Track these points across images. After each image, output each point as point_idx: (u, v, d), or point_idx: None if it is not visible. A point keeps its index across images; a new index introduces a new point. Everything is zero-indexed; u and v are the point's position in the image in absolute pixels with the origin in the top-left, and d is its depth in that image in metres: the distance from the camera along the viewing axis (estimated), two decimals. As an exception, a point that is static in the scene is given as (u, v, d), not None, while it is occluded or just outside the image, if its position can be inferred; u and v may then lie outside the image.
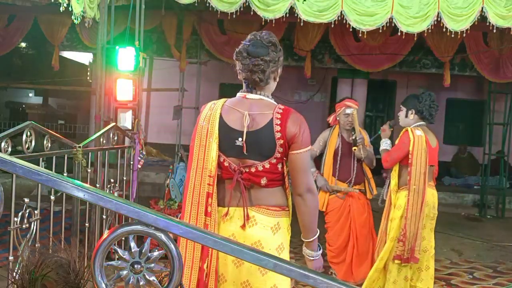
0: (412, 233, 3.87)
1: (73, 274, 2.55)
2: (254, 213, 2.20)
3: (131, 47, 5.22)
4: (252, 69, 2.19)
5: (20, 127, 3.06)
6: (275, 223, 2.21)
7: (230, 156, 2.21)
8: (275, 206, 2.23)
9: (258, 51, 2.20)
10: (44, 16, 8.99)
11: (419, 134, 3.93)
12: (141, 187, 7.73)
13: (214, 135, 2.20)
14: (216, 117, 2.21)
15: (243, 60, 2.22)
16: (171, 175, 6.14)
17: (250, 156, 2.18)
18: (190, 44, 9.55)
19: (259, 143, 2.17)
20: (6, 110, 16.17)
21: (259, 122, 2.18)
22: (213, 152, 2.19)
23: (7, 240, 3.02)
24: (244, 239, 2.17)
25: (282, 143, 2.16)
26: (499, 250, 6.66)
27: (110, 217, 4.42)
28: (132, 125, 5.28)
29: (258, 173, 2.19)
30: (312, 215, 2.24)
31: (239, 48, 2.27)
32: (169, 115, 9.96)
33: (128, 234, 1.39)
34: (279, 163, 2.20)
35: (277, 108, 2.21)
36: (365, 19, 5.87)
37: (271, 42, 2.23)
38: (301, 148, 2.17)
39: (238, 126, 2.19)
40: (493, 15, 5.65)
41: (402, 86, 12.42)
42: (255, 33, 2.30)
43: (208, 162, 2.19)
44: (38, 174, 1.39)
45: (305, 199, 2.20)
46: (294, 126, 2.16)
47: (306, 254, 2.32)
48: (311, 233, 2.27)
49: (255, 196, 2.22)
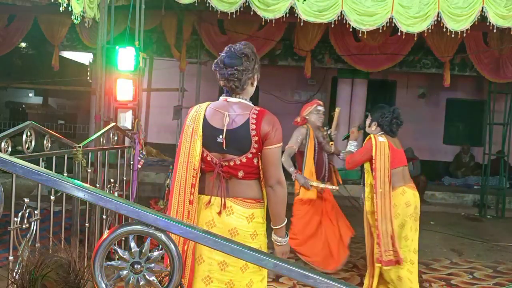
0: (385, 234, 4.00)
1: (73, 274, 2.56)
2: (231, 204, 2.49)
3: (131, 47, 5.22)
4: (228, 78, 2.50)
5: (20, 127, 3.07)
6: (250, 213, 2.49)
7: (212, 152, 2.50)
8: (251, 198, 2.51)
9: (232, 62, 2.49)
10: (44, 16, 8.99)
11: (381, 140, 4.16)
12: (141, 187, 7.73)
13: (198, 133, 2.50)
14: (201, 118, 2.53)
15: (220, 70, 2.52)
16: (171, 175, 6.13)
17: (229, 151, 2.48)
18: (190, 44, 9.55)
19: (237, 139, 2.47)
20: (6, 110, 16.17)
21: (237, 121, 2.48)
22: (197, 148, 2.49)
23: (7, 240, 3.02)
24: (222, 224, 2.48)
25: (257, 139, 2.44)
26: (499, 250, 6.65)
27: (110, 217, 4.42)
28: (132, 125, 5.28)
29: (236, 167, 2.48)
30: (281, 204, 2.51)
31: (217, 59, 2.56)
32: (169, 115, 9.97)
33: (128, 234, 1.39)
34: (254, 157, 2.48)
35: (253, 110, 2.50)
36: (365, 19, 5.87)
37: (244, 53, 2.50)
38: (273, 144, 2.46)
39: (219, 125, 2.49)
40: (493, 15, 5.65)
41: (402, 86, 12.42)
42: (230, 45, 2.56)
43: (192, 157, 2.50)
44: (38, 174, 1.39)
45: (275, 190, 2.47)
46: (267, 125, 2.45)
47: (275, 240, 2.59)
48: (279, 221, 2.54)
49: (233, 188, 2.50)
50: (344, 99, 10.95)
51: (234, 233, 2.47)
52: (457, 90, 12.05)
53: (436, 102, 12.51)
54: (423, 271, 5.41)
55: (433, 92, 12.31)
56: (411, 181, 4.34)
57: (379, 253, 4.01)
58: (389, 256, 3.99)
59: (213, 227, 2.49)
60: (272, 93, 9.85)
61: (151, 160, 11.00)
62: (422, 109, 12.37)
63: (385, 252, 3.99)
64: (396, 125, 4.30)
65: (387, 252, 3.99)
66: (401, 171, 4.22)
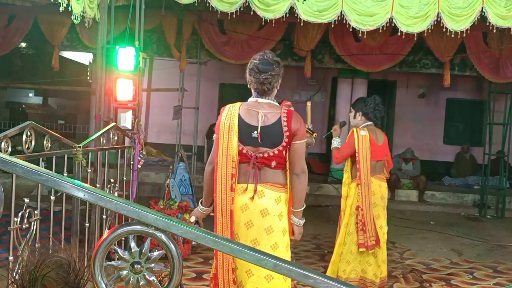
0: (369, 221, 4.40)
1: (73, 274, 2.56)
2: (263, 188, 2.88)
3: (131, 47, 5.21)
4: (262, 81, 2.89)
5: (20, 127, 3.06)
6: (278, 196, 2.91)
7: (248, 145, 2.89)
8: (279, 184, 2.92)
9: (266, 68, 2.90)
10: (44, 16, 8.98)
11: (363, 134, 4.45)
12: (141, 187, 7.73)
13: (234, 129, 2.87)
14: (235, 116, 2.90)
15: (255, 75, 2.90)
16: (171, 175, 6.13)
17: (263, 144, 2.88)
18: (190, 44, 9.54)
19: (270, 134, 2.87)
20: (6, 110, 16.14)
21: (270, 119, 2.88)
22: (234, 142, 2.86)
23: (7, 240, 3.02)
24: (255, 206, 2.87)
25: (288, 135, 2.86)
26: (499, 250, 6.65)
27: (110, 217, 4.41)
28: (132, 125, 5.28)
29: (269, 158, 2.89)
30: (304, 191, 2.96)
31: (251, 65, 2.93)
32: (169, 115, 9.96)
33: (128, 234, 1.39)
34: (284, 150, 2.89)
35: (283, 109, 2.92)
36: (365, 19, 5.87)
37: (276, 61, 2.95)
38: (300, 139, 2.90)
39: (253, 122, 2.88)
40: (493, 15, 5.64)
41: (402, 86, 12.42)
42: (263, 53, 2.97)
43: (231, 150, 2.86)
44: (38, 174, 1.39)
45: (300, 177, 2.91)
46: (296, 123, 2.89)
47: (294, 221, 3.01)
48: (300, 204, 2.97)
49: (264, 176, 2.89)
50: (344, 99, 10.94)
51: (265, 213, 2.87)
52: (457, 90, 12.04)
53: (436, 102, 12.51)
54: (423, 271, 5.41)
55: (433, 92, 12.30)
56: (382, 173, 4.66)
57: (363, 239, 4.37)
58: (372, 242, 4.39)
59: (246, 210, 2.88)
60: (272, 93, 9.84)
61: (151, 160, 11.00)
62: (422, 109, 12.36)
63: (370, 238, 4.37)
64: (379, 112, 4.58)
65: (371, 238, 4.38)
66: (374, 164, 4.51)
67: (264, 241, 2.85)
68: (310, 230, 7.02)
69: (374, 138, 4.52)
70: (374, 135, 4.53)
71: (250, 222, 2.86)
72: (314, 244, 6.41)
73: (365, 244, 4.38)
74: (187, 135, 10.47)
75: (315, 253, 6.05)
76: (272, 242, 2.86)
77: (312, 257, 5.85)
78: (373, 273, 4.51)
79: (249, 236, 2.86)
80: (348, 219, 4.51)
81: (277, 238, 2.87)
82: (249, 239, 2.85)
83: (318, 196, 9.66)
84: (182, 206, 5.50)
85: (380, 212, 4.56)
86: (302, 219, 3.03)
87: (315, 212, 8.53)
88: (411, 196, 10.04)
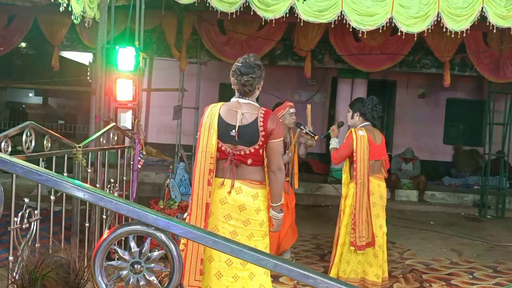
0: (362, 221, 4.40)
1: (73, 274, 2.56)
2: (240, 184, 3.07)
3: (131, 47, 5.21)
4: (244, 83, 3.08)
5: (20, 127, 3.06)
6: (255, 192, 3.08)
7: (226, 143, 3.07)
8: (256, 181, 3.10)
9: (247, 71, 3.07)
10: (44, 16, 8.98)
11: (361, 134, 4.49)
12: (141, 187, 7.73)
13: (214, 127, 3.05)
14: (216, 115, 3.08)
15: (237, 77, 3.09)
16: (171, 175, 6.13)
17: (240, 142, 3.06)
18: (190, 44, 9.53)
19: (247, 133, 3.05)
20: (6, 110, 16.13)
21: (248, 119, 3.06)
22: (213, 140, 3.05)
23: (7, 240, 3.02)
24: (233, 201, 3.06)
25: (263, 134, 3.04)
26: (499, 250, 6.65)
27: (110, 217, 4.41)
28: (132, 125, 5.28)
29: (245, 155, 3.07)
30: (280, 186, 3.15)
31: (234, 67, 3.11)
32: (169, 115, 9.96)
33: (128, 234, 1.39)
34: (260, 148, 3.07)
35: (261, 110, 3.10)
36: (365, 19, 5.86)
37: (257, 64, 3.11)
38: (276, 138, 3.07)
39: (232, 121, 3.06)
40: (493, 15, 5.64)
41: (402, 86, 12.42)
42: (246, 56, 3.14)
43: (210, 147, 3.05)
44: (38, 174, 1.39)
45: (276, 174, 3.10)
46: (272, 123, 3.05)
47: (272, 215, 3.19)
48: (277, 199, 3.16)
49: (242, 172, 3.08)
50: (344, 99, 10.93)
51: (242, 208, 3.05)
52: (457, 90, 12.04)
53: (436, 102, 12.50)
54: (423, 271, 5.41)
55: (433, 92, 12.30)
56: (380, 172, 4.69)
57: (354, 238, 4.39)
58: (362, 242, 4.39)
59: (225, 203, 3.07)
60: (272, 93, 9.83)
61: (151, 160, 10.99)
62: (422, 109, 12.36)
63: (359, 238, 4.38)
64: (377, 112, 4.60)
65: (361, 238, 4.38)
66: (372, 164, 4.54)
67: (241, 231, 3.06)
68: (310, 230, 7.02)
69: (372, 138, 4.55)
70: (372, 135, 4.57)
71: (229, 215, 3.07)
72: (314, 244, 6.41)
73: (354, 243, 4.41)
74: (187, 135, 10.47)
75: (315, 253, 6.05)
76: (249, 232, 3.07)
77: (312, 257, 5.85)
78: (374, 274, 4.51)
79: (228, 228, 3.06)
80: (348, 219, 4.53)
81: (254, 229, 3.09)
82: (228, 230, 3.06)
83: (318, 196, 9.66)
84: (182, 206, 5.49)
85: (380, 212, 4.59)
86: (280, 213, 3.21)
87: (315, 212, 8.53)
88: (411, 196, 10.04)
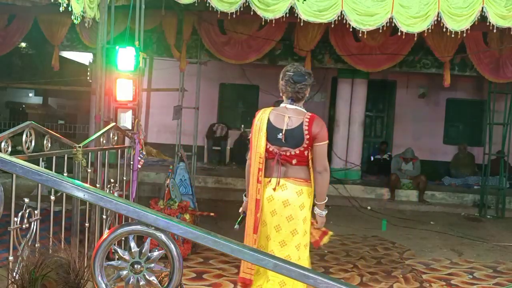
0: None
1: (73, 274, 2.56)
2: (285, 182, 3.32)
3: (131, 47, 5.21)
4: (297, 91, 3.34)
5: (20, 127, 3.06)
6: (299, 189, 3.33)
7: (274, 145, 3.34)
8: (300, 178, 3.33)
9: (300, 79, 3.33)
10: (44, 16, 8.98)
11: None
12: (141, 187, 7.73)
13: (263, 130, 3.34)
14: (265, 119, 3.37)
15: (290, 85, 3.33)
16: (171, 175, 6.12)
17: (287, 144, 3.32)
18: (190, 44, 9.53)
19: (293, 136, 3.31)
20: (6, 110, 16.12)
21: (294, 123, 3.32)
22: (262, 142, 3.34)
23: (7, 240, 3.02)
24: (278, 197, 3.32)
25: (308, 137, 3.28)
26: (499, 250, 6.65)
27: (110, 217, 4.41)
28: (132, 125, 5.28)
29: (291, 156, 3.32)
30: (325, 186, 3.37)
31: (287, 77, 3.34)
32: (169, 115, 9.95)
33: (128, 234, 1.39)
34: (305, 150, 3.31)
35: (307, 115, 3.34)
36: (365, 19, 5.86)
37: (308, 72, 3.41)
38: (321, 141, 3.30)
39: (280, 125, 3.33)
40: (493, 15, 5.64)
41: (402, 86, 12.42)
42: (295, 65, 3.42)
43: (259, 148, 3.35)
44: (38, 174, 1.39)
45: (322, 174, 3.32)
46: (316, 128, 3.29)
47: (317, 212, 3.41)
48: (322, 198, 3.38)
49: (287, 171, 3.33)
50: (344, 99, 10.95)
51: (286, 204, 3.30)
52: (457, 90, 12.04)
53: (436, 102, 12.50)
54: (423, 271, 5.41)
55: (433, 92, 12.30)
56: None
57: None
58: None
59: (271, 200, 3.33)
60: (272, 93, 9.81)
61: (151, 160, 10.99)
62: (422, 109, 12.36)
63: None
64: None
65: None
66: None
67: (284, 227, 3.30)
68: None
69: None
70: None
71: (274, 211, 3.32)
72: (314, 244, 6.41)
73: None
74: (187, 135, 10.47)
75: (315, 253, 6.04)
76: (292, 228, 3.30)
77: (312, 257, 5.82)
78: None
79: (273, 223, 3.32)
80: None
81: (297, 225, 3.31)
82: (273, 225, 3.32)
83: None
84: (182, 206, 5.49)
85: None
86: (324, 211, 3.42)
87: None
88: (411, 196, 10.04)
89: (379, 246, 6.47)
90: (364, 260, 5.69)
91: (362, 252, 6.08)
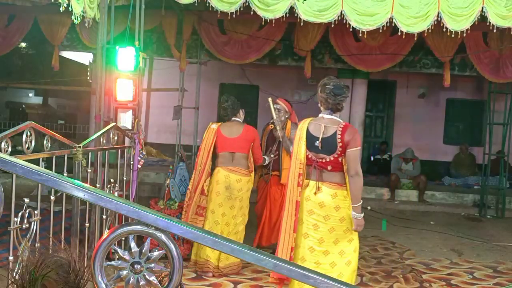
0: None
1: (73, 274, 2.55)
2: (321, 185, 3.64)
3: (131, 47, 5.21)
4: (338, 103, 3.66)
5: (20, 127, 3.06)
6: (333, 192, 3.62)
7: (312, 152, 3.68)
8: (335, 183, 3.63)
9: (340, 92, 3.64)
10: (44, 16, 8.98)
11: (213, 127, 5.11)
12: (141, 187, 7.73)
13: (303, 139, 3.70)
14: (305, 128, 3.72)
15: (331, 98, 3.63)
16: (171, 175, 6.13)
17: (323, 152, 3.64)
18: (190, 44, 9.53)
19: (328, 144, 3.62)
20: (6, 110, 16.13)
21: (329, 132, 3.62)
22: (302, 149, 3.70)
23: (7, 240, 3.02)
24: (315, 199, 3.63)
25: (341, 145, 3.58)
26: (499, 250, 6.65)
27: (110, 217, 4.41)
28: (132, 125, 5.28)
29: (326, 163, 3.64)
30: (358, 189, 3.57)
31: (327, 90, 3.64)
32: (169, 115, 9.95)
33: (128, 234, 1.39)
34: (339, 157, 3.61)
35: (340, 124, 3.64)
36: (365, 19, 5.86)
37: (346, 85, 3.76)
38: (352, 148, 3.57)
39: (317, 133, 3.65)
40: (493, 15, 5.64)
41: (402, 86, 12.41)
42: (333, 79, 3.74)
43: (299, 155, 3.71)
44: (38, 174, 1.39)
45: (354, 178, 3.56)
46: (348, 136, 3.58)
47: (354, 216, 3.59)
48: (357, 201, 3.58)
49: (323, 176, 3.65)
50: (344, 99, 10.92)
51: (322, 205, 3.62)
52: (457, 90, 12.04)
53: (436, 102, 12.50)
54: (423, 271, 5.41)
55: (433, 92, 12.29)
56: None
57: None
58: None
59: (308, 201, 3.65)
60: (272, 93, 9.80)
61: (151, 160, 10.99)
62: (422, 109, 12.36)
63: None
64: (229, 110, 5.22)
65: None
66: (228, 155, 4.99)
67: (322, 225, 3.62)
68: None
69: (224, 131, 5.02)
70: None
71: (311, 211, 3.64)
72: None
73: None
74: (187, 135, 10.47)
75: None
76: (329, 226, 3.62)
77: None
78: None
79: (311, 221, 3.65)
80: None
81: (334, 224, 3.62)
82: (311, 223, 3.65)
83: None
84: (182, 206, 5.49)
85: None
86: (360, 214, 3.59)
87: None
88: (411, 196, 10.03)
89: (379, 246, 6.47)
90: (364, 260, 5.69)
91: (362, 252, 6.07)
